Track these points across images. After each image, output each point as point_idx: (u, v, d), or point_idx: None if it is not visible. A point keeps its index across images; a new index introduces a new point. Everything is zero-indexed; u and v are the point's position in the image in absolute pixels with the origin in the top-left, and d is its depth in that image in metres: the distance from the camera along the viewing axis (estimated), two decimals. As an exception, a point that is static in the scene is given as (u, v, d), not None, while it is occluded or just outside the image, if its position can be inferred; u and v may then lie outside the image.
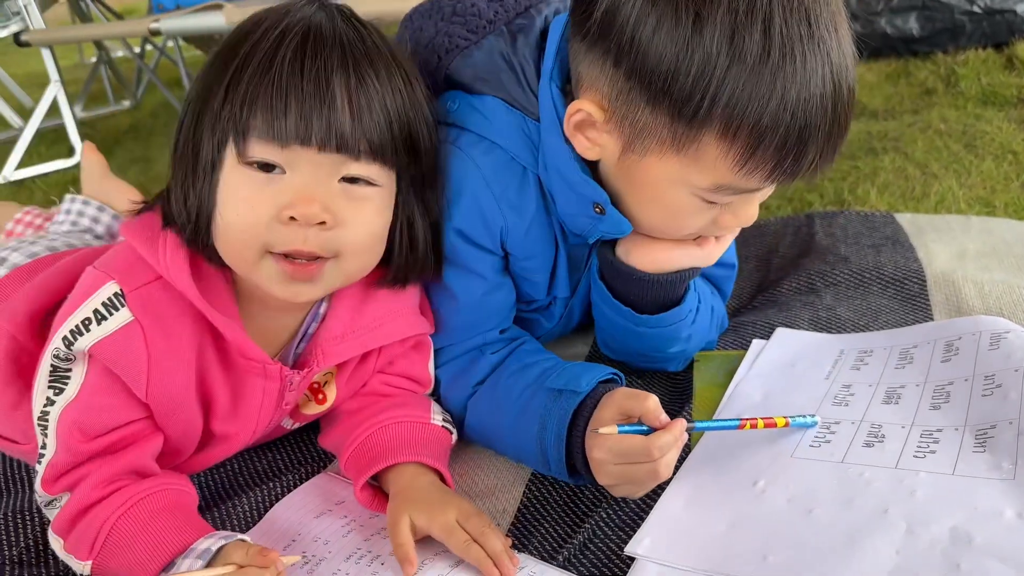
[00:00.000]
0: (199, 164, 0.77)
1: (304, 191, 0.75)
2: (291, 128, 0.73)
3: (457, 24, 0.95)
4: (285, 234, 0.76)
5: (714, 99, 0.73)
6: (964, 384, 0.85)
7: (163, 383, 0.80)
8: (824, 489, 0.76)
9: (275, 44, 0.75)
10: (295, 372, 0.86)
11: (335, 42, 0.76)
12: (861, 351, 0.97)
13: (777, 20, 0.71)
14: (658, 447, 0.75)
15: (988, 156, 1.62)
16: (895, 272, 1.15)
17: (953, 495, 0.71)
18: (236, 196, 0.76)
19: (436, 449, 0.88)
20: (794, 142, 0.74)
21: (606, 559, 0.76)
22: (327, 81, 0.74)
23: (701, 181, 0.79)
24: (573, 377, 0.87)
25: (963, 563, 0.64)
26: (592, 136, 0.83)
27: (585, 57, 0.81)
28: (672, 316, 0.96)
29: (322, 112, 0.73)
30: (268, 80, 0.73)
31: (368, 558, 0.79)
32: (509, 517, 0.85)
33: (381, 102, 0.77)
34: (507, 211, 0.92)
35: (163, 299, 0.79)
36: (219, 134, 0.76)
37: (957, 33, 2.24)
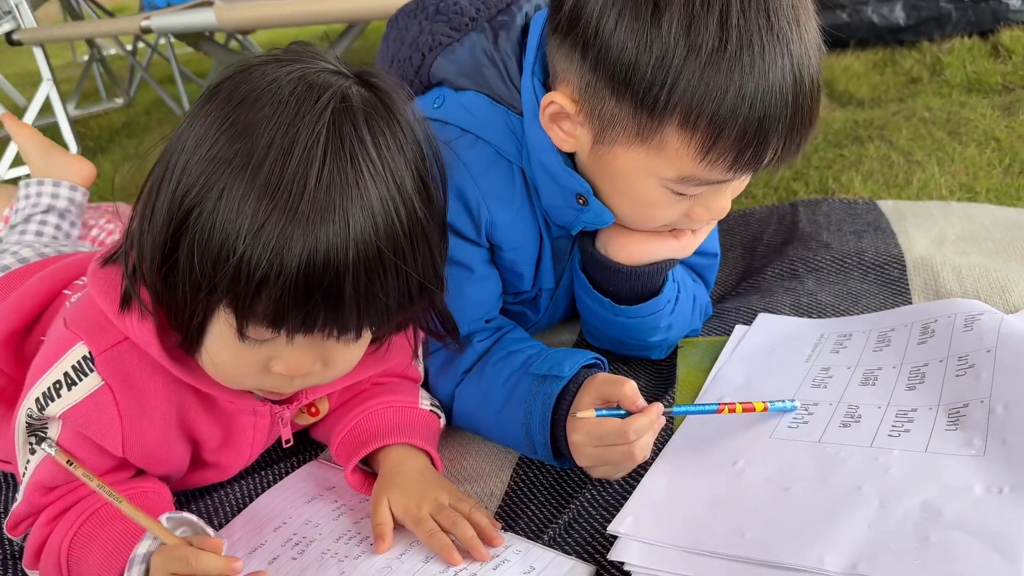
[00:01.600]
0: (177, 294, 0.68)
1: (297, 362, 0.72)
2: (298, 324, 0.67)
3: (440, 22, 0.97)
4: (271, 381, 0.75)
5: (672, 90, 0.74)
6: (939, 365, 0.87)
7: (139, 442, 0.79)
8: (801, 468, 0.78)
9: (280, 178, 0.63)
10: (284, 408, 0.86)
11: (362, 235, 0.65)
12: (841, 335, 0.99)
13: (734, 12, 0.73)
14: (633, 430, 0.77)
15: (972, 143, 1.63)
16: (876, 257, 1.17)
17: (925, 471, 0.73)
18: (225, 350, 0.72)
19: (424, 432, 0.90)
20: (754, 133, 0.76)
21: (590, 538, 0.78)
22: (340, 289, 0.65)
23: (667, 172, 0.81)
24: (556, 363, 0.89)
25: (932, 536, 0.66)
26: (566, 128, 0.85)
27: (558, 50, 0.82)
28: (650, 307, 0.98)
29: (327, 311, 0.66)
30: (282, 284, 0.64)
31: (358, 539, 0.81)
32: (497, 500, 0.88)
33: (388, 301, 0.69)
34: (492, 204, 0.93)
35: (133, 359, 0.77)
36: (206, 297, 0.67)
37: (943, 22, 2.25)
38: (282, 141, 0.63)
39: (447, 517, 0.78)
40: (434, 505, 0.79)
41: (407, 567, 0.76)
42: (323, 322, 0.67)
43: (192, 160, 0.65)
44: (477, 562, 0.75)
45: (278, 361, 0.72)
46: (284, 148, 0.63)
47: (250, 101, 0.66)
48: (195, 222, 0.65)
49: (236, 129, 0.65)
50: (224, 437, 0.86)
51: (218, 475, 0.92)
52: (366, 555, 0.78)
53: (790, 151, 0.79)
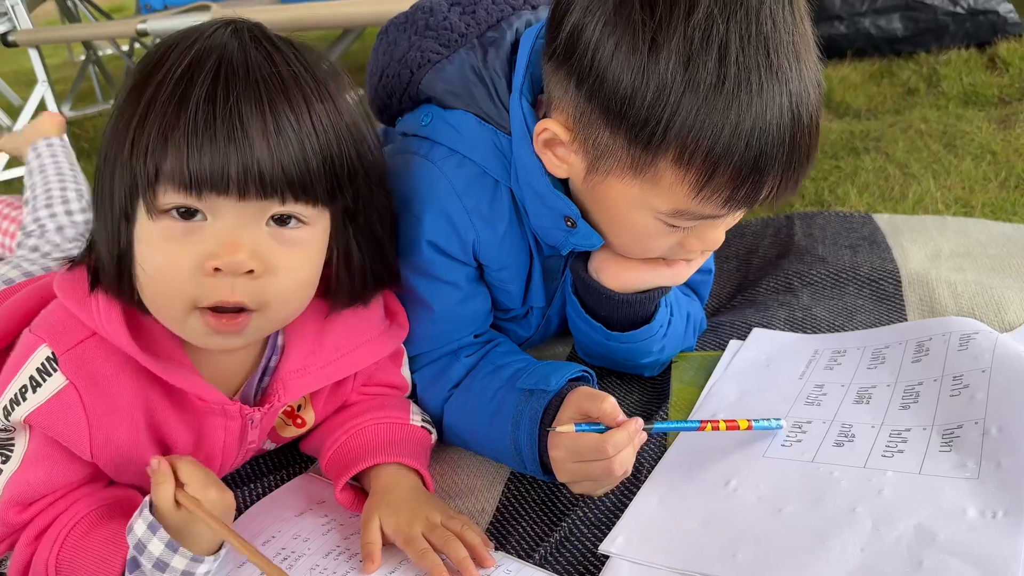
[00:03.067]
0: (114, 214, 0.72)
1: (228, 237, 0.70)
2: (205, 174, 0.67)
3: (429, 38, 0.96)
4: (210, 286, 0.71)
5: (668, 125, 0.73)
6: (933, 384, 0.86)
7: (108, 441, 0.78)
8: (794, 488, 0.78)
9: (184, 80, 0.69)
10: (255, 410, 0.83)
11: (248, 75, 0.69)
12: (835, 351, 0.99)
13: (733, 49, 0.71)
14: (612, 444, 0.77)
15: (968, 156, 1.63)
16: (871, 272, 1.17)
17: (919, 494, 0.73)
18: (153, 248, 0.71)
19: (415, 449, 0.89)
20: (750, 171, 0.75)
21: (581, 557, 0.78)
22: (241, 121, 0.68)
23: (660, 205, 0.80)
24: (543, 377, 0.89)
25: (926, 560, 0.66)
26: (560, 154, 0.84)
27: (552, 77, 0.81)
28: (642, 333, 0.97)
29: (238, 156, 0.68)
30: (177, 123, 0.67)
31: (347, 555, 0.80)
32: (488, 516, 0.87)
33: (302, 138, 0.70)
34: (479, 223, 0.92)
35: (99, 356, 0.76)
36: (129, 181, 0.70)
37: (940, 33, 2.25)
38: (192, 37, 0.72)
39: (439, 536, 0.77)
40: (426, 524, 0.78)
41: (398, 586, 0.75)
42: (235, 175, 0.68)
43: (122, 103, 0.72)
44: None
45: (211, 256, 0.69)
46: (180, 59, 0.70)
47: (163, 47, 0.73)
48: (111, 139, 0.71)
49: (149, 66, 0.71)
50: (195, 441, 0.84)
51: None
52: (355, 571, 0.78)
53: (786, 189, 0.78)
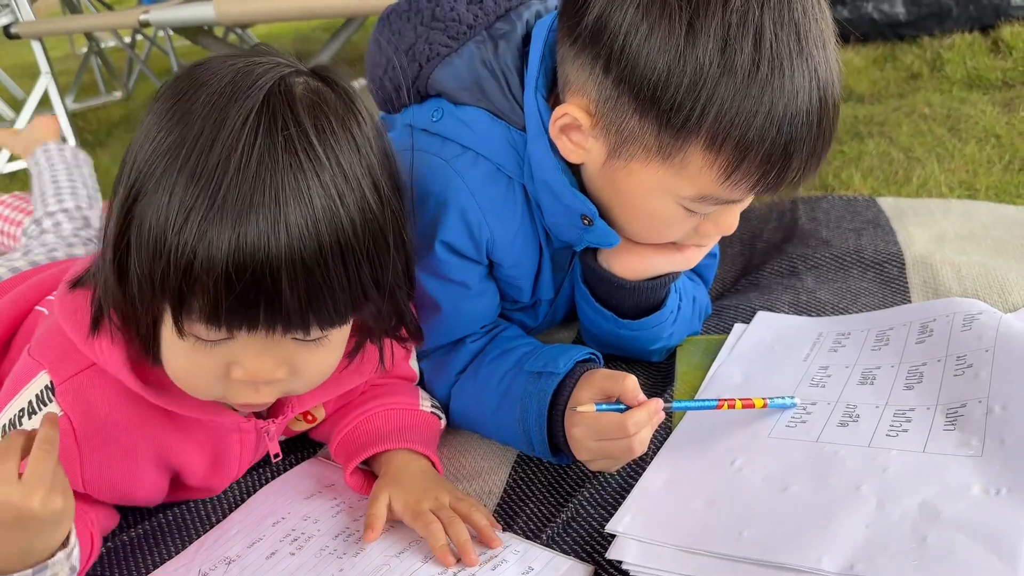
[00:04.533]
0: (128, 296, 0.66)
1: (252, 352, 0.68)
2: (233, 322, 0.64)
3: (437, 30, 0.94)
4: (236, 389, 0.71)
5: (704, 111, 0.73)
6: (937, 364, 0.87)
7: (101, 474, 0.77)
8: (799, 467, 0.78)
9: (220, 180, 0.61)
10: (270, 422, 0.83)
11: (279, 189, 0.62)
12: (839, 333, 0.99)
13: (768, 34, 0.72)
14: (633, 423, 0.78)
15: (971, 140, 1.63)
16: (875, 255, 1.17)
17: (923, 471, 0.73)
18: (177, 355, 0.69)
19: (425, 435, 0.90)
20: (779, 156, 0.75)
21: (588, 537, 0.79)
22: (274, 272, 0.62)
23: (685, 190, 0.80)
24: (551, 359, 0.89)
25: (930, 536, 0.66)
26: (577, 140, 0.84)
27: (574, 61, 0.80)
28: (653, 320, 0.98)
29: (266, 307, 0.63)
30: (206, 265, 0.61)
31: (356, 536, 0.81)
32: (495, 498, 0.88)
33: (341, 292, 0.66)
34: (493, 222, 0.92)
35: (97, 387, 0.75)
36: (149, 296, 0.64)
37: (943, 17, 2.25)
38: (211, 129, 0.62)
39: (446, 515, 0.78)
40: (435, 503, 0.79)
41: (405, 565, 0.76)
42: (264, 318, 0.64)
43: (139, 156, 0.65)
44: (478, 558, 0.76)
45: (236, 366, 0.69)
46: (211, 135, 0.61)
47: (190, 92, 0.64)
48: (136, 216, 0.64)
49: (173, 120, 0.63)
50: (211, 460, 0.84)
51: (205, 494, 0.90)
52: (364, 552, 0.79)
53: (810, 172, 0.79)
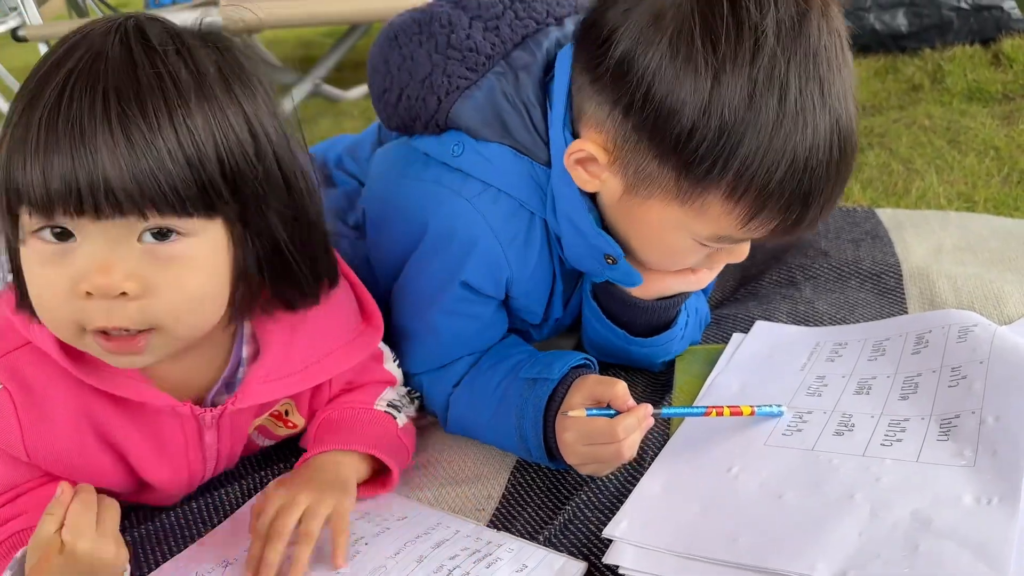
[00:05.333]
0: (6, 236, 0.69)
1: (98, 259, 0.66)
2: (52, 192, 0.63)
3: (455, 61, 0.92)
4: (88, 310, 0.67)
5: (727, 164, 0.74)
6: (932, 375, 0.88)
7: (44, 448, 0.77)
8: (794, 475, 0.79)
9: (39, 87, 0.64)
10: (207, 411, 0.81)
11: (99, 81, 0.63)
12: (836, 343, 1.00)
13: (793, 89, 0.72)
14: (622, 428, 0.79)
15: (971, 152, 1.65)
16: (873, 266, 1.18)
17: (916, 481, 0.74)
18: (31, 272, 0.69)
19: (367, 432, 0.89)
20: (798, 204, 0.76)
21: (585, 539, 0.80)
22: (83, 133, 0.62)
23: (702, 230, 0.81)
24: (546, 365, 0.90)
25: (921, 544, 0.67)
26: (593, 171, 0.83)
27: (592, 96, 0.80)
28: (664, 337, 0.99)
29: (84, 170, 0.62)
30: (26, 135, 0.63)
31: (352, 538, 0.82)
32: (494, 503, 0.89)
33: (158, 147, 0.64)
34: (513, 260, 0.92)
35: (32, 363, 0.75)
36: (2, 205, 0.66)
37: (945, 29, 2.26)
38: (70, 41, 0.66)
39: (277, 524, 0.77)
40: (286, 501, 0.79)
41: (401, 566, 0.77)
42: (84, 183, 0.63)
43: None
44: (471, 558, 0.77)
45: (81, 277, 0.66)
46: (50, 56, 0.66)
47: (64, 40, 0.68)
48: None
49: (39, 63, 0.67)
50: (156, 448, 0.82)
51: (164, 498, 0.90)
52: (360, 555, 0.79)
53: (825, 215, 0.80)
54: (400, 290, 0.98)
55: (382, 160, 1.05)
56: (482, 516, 0.87)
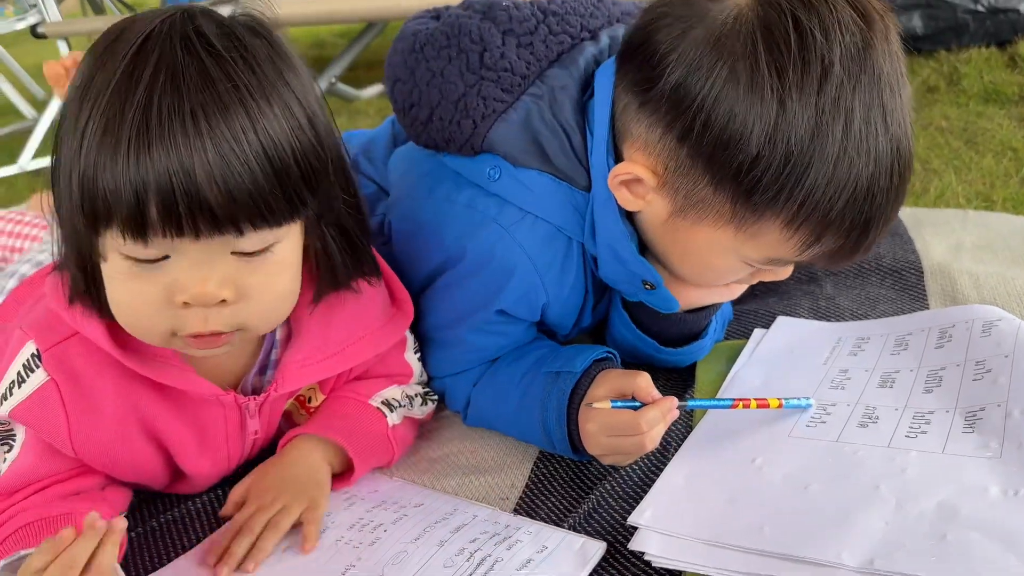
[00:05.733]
0: (77, 238, 0.69)
1: (193, 272, 0.68)
2: (150, 219, 0.64)
3: (490, 82, 0.88)
4: (182, 318, 0.69)
5: (791, 192, 0.72)
6: (956, 369, 0.88)
7: (90, 439, 0.78)
8: (819, 466, 0.79)
9: (118, 103, 0.63)
10: (251, 399, 0.83)
11: (192, 96, 0.64)
12: (859, 338, 1.01)
13: (857, 119, 0.71)
14: (646, 421, 0.79)
15: (988, 152, 1.64)
16: (894, 263, 1.19)
17: (942, 472, 0.75)
18: (115, 284, 0.70)
19: (350, 427, 0.89)
20: (858, 231, 0.75)
21: (610, 527, 0.80)
22: (183, 155, 0.63)
23: (753, 254, 0.80)
24: (568, 359, 0.90)
25: (948, 535, 0.67)
26: (638, 192, 0.82)
27: (641, 119, 0.78)
28: (695, 346, 0.99)
29: (183, 195, 0.63)
30: (116, 155, 0.63)
31: (371, 526, 0.83)
32: (518, 491, 0.89)
33: (256, 161, 0.65)
34: (550, 286, 0.91)
35: (81, 354, 0.76)
36: (79, 219, 0.66)
37: (960, 31, 2.26)
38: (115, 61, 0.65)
39: (252, 523, 0.79)
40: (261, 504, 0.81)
41: (422, 551, 0.78)
42: (187, 216, 0.64)
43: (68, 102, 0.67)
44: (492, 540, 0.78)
45: (178, 287, 0.68)
46: (114, 66, 0.65)
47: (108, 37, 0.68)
48: (58, 156, 0.67)
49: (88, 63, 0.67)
50: (197, 436, 0.84)
51: (200, 484, 0.91)
52: (380, 541, 0.80)
53: (881, 240, 0.79)
54: (430, 303, 0.97)
55: (407, 172, 1.02)
56: (506, 505, 0.87)
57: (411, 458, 0.96)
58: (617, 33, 0.93)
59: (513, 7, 0.92)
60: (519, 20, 0.91)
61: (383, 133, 1.16)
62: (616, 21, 0.96)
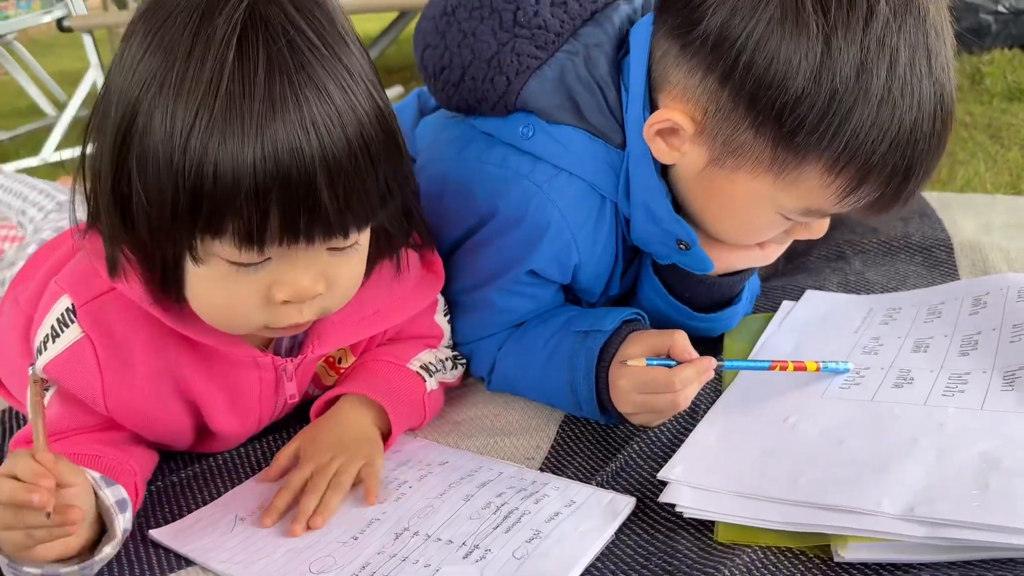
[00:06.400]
0: (142, 237, 0.66)
1: (292, 272, 0.68)
2: (272, 237, 0.64)
3: (524, 39, 0.87)
4: (280, 313, 0.70)
5: (836, 133, 0.71)
6: (992, 333, 0.86)
7: (123, 397, 0.77)
8: (854, 423, 0.78)
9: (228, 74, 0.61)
10: (288, 360, 0.82)
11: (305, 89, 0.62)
12: (890, 308, 0.99)
13: (903, 59, 0.70)
14: (680, 379, 0.78)
15: (1015, 146, 1.63)
16: (923, 240, 1.17)
17: (982, 426, 0.73)
18: (210, 289, 0.69)
19: (392, 388, 0.88)
20: (899, 178, 0.74)
21: (638, 484, 0.79)
22: (311, 176, 0.62)
23: (791, 204, 0.79)
24: (598, 319, 0.89)
25: (992, 483, 0.66)
26: (674, 143, 0.81)
27: (681, 64, 0.78)
28: (728, 313, 0.98)
29: (307, 215, 0.63)
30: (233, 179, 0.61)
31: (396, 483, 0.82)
32: (543, 452, 0.88)
33: (370, 181, 0.66)
34: (583, 245, 0.90)
35: (117, 310, 0.75)
36: (169, 229, 0.64)
37: (983, 33, 2.26)
38: (201, 43, 0.62)
39: (313, 482, 0.78)
40: (319, 464, 0.79)
41: (448, 505, 0.77)
42: (305, 227, 0.64)
43: (124, 89, 0.64)
44: (518, 495, 0.77)
45: (279, 286, 0.68)
46: (202, 50, 0.61)
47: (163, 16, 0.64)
48: (135, 149, 0.63)
49: (153, 45, 0.63)
50: (229, 400, 0.83)
51: (225, 444, 0.90)
52: (405, 497, 0.80)
53: (920, 191, 0.78)
54: (458, 266, 0.96)
55: (435, 138, 1.01)
56: (532, 464, 0.86)
57: (435, 421, 0.94)
58: None
59: None
60: None
61: (408, 105, 1.15)
62: None
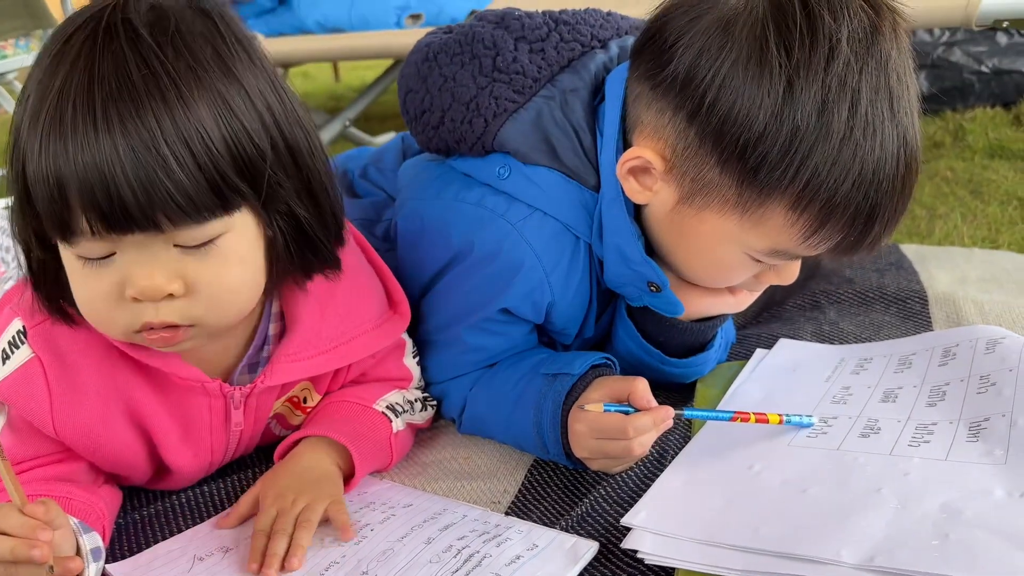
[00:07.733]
0: (32, 230, 0.70)
1: (139, 268, 0.67)
2: (78, 226, 0.65)
3: (502, 84, 0.90)
4: (135, 311, 0.69)
5: (797, 171, 0.73)
6: (960, 384, 0.86)
7: (72, 419, 0.77)
8: (818, 472, 0.77)
9: (39, 101, 0.64)
10: (236, 388, 0.81)
11: (105, 87, 0.63)
12: (861, 358, 0.99)
13: (864, 100, 0.72)
14: (635, 427, 0.78)
15: (994, 201, 1.65)
16: (898, 292, 1.18)
17: (945, 476, 0.72)
18: (75, 278, 0.70)
19: (357, 430, 0.87)
20: (863, 220, 0.75)
21: (603, 530, 0.78)
22: (95, 150, 0.62)
23: (758, 243, 0.80)
24: (567, 362, 0.89)
25: (952, 534, 0.65)
26: (645, 182, 0.82)
27: (652, 104, 0.80)
28: (699, 359, 0.98)
29: (103, 195, 0.63)
30: (40, 159, 0.63)
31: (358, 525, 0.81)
32: (510, 497, 0.87)
33: (173, 156, 0.63)
34: (556, 285, 0.90)
35: (67, 333, 0.75)
36: (27, 217, 0.68)
37: (966, 92, 2.29)
38: (54, 56, 0.65)
39: (279, 524, 0.76)
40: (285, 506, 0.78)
41: (409, 548, 0.76)
42: (108, 214, 0.63)
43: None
44: (480, 538, 0.76)
45: (128, 283, 0.68)
46: (54, 62, 0.65)
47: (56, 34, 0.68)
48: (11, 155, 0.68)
49: (37, 64, 0.67)
50: (181, 424, 0.82)
51: (183, 479, 0.88)
52: (367, 540, 0.78)
53: (887, 235, 0.79)
54: (430, 304, 0.97)
55: (415, 177, 1.02)
56: (498, 508, 0.85)
57: (403, 462, 0.94)
58: (626, 43, 0.95)
59: (526, 16, 0.95)
60: (531, 28, 0.93)
61: (393, 147, 1.18)
62: (625, 33, 0.97)
